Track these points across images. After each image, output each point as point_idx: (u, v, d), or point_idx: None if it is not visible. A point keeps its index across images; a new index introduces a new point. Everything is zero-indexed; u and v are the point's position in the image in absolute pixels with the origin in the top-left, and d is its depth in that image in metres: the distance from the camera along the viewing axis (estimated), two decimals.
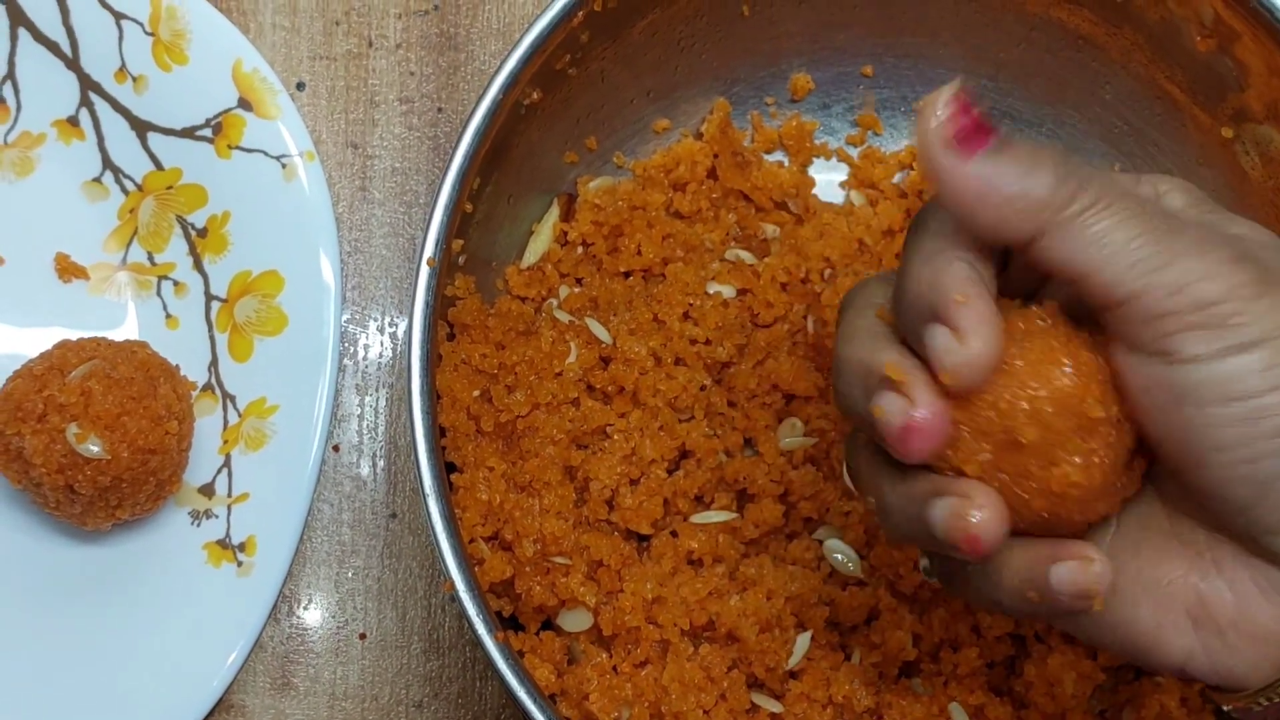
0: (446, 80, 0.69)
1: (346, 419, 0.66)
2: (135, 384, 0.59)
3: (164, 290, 0.65)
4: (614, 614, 0.57)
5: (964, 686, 0.58)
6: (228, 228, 0.65)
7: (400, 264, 0.67)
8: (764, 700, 0.57)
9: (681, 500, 0.59)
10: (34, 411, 0.58)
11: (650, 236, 0.63)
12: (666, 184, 0.65)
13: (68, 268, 0.65)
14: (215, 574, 0.62)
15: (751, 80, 0.67)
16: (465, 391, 0.58)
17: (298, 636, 0.64)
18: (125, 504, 0.60)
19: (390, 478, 0.66)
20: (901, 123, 0.68)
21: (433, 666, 0.64)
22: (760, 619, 0.56)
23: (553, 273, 0.64)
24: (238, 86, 0.65)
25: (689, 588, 0.57)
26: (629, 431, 0.59)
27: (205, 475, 0.63)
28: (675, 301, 0.61)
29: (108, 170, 0.65)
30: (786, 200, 0.67)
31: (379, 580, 0.65)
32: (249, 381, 0.64)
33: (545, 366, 0.59)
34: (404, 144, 0.68)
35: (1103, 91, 0.65)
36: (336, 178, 0.67)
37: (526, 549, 0.57)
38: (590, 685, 0.56)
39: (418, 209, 0.68)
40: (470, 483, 0.57)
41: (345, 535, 0.65)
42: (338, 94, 0.68)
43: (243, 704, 0.64)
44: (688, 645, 0.57)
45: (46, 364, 0.59)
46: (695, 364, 0.60)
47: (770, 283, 0.62)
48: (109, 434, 0.58)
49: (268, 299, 0.64)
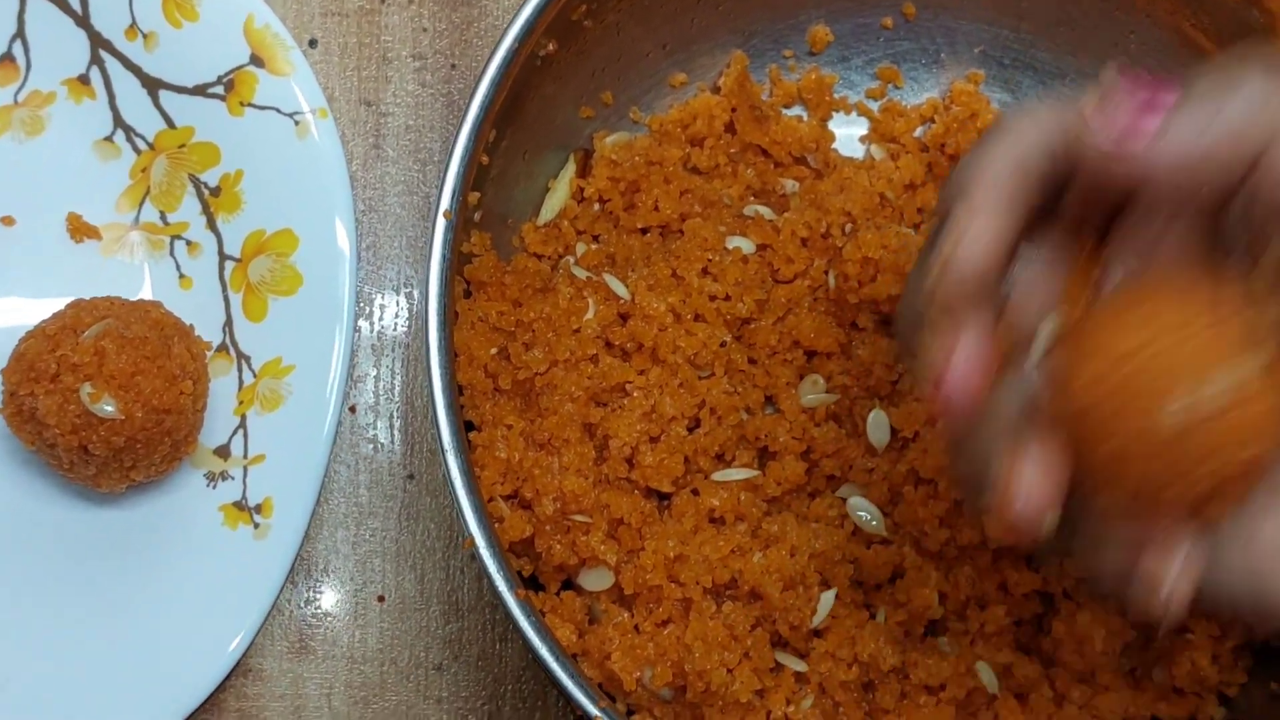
0: (460, 36, 0.68)
1: (362, 380, 0.65)
2: (149, 343, 0.58)
3: (177, 250, 0.64)
4: (635, 572, 0.56)
5: (991, 645, 0.58)
6: (241, 186, 0.64)
7: (415, 223, 0.66)
8: (788, 659, 0.57)
9: (702, 458, 0.59)
10: (47, 371, 0.57)
11: (668, 192, 0.62)
12: (684, 139, 0.65)
13: (80, 228, 0.64)
14: (232, 536, 0.62)
15: (769, 33, 0.66)
16: (482, 349, 0.58)
17: (315, 600, 0.64)
18: (140, 465, 0.59)
19: (407, 438, 0.65)
20: (922, 75, 0.67)
21: (452, 629, 0.64)
22: (784, 576, 0.56)
23: (569, 230, 0.63)
24: (249, 43, 0.64)
25: (711, 545, 0.56)
26: (648, 389, 0.58)
27: (221, 436, 0.63)
28: (694, 257, 0.60)
29: (119, 129, 0.64)
30: (806, 155, 0.66)
31: (397, 542, 0.64)
32: (264, 341, 0.63)
33: (563, 323, 0.59)
34: (417, 101, 0.67)
35: (1128, 41, 0.64)
36: (350, 136, 0.67)
37: (546, 507, 0.56)
38: (612, 645, 0.55)
39: (432, 167, 0.67)
40: (488, 441, 0.57)
41: (362, 497, 0.65)
42: (350, 51, 0.67)
43: (260, 668, 0.63)
44: (710, 604, 0.56)
45: (59, 324, 0.58)
46: (715, 320, 0.59)
47: (790, 237, 0.61)
48: (123, 394, 0.57)
49: (282, 258, 0.63)
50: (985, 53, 0.66)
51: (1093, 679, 0.58)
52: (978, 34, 0.66)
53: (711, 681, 0.54)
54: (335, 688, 0.63)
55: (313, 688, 0.63)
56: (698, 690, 0.55)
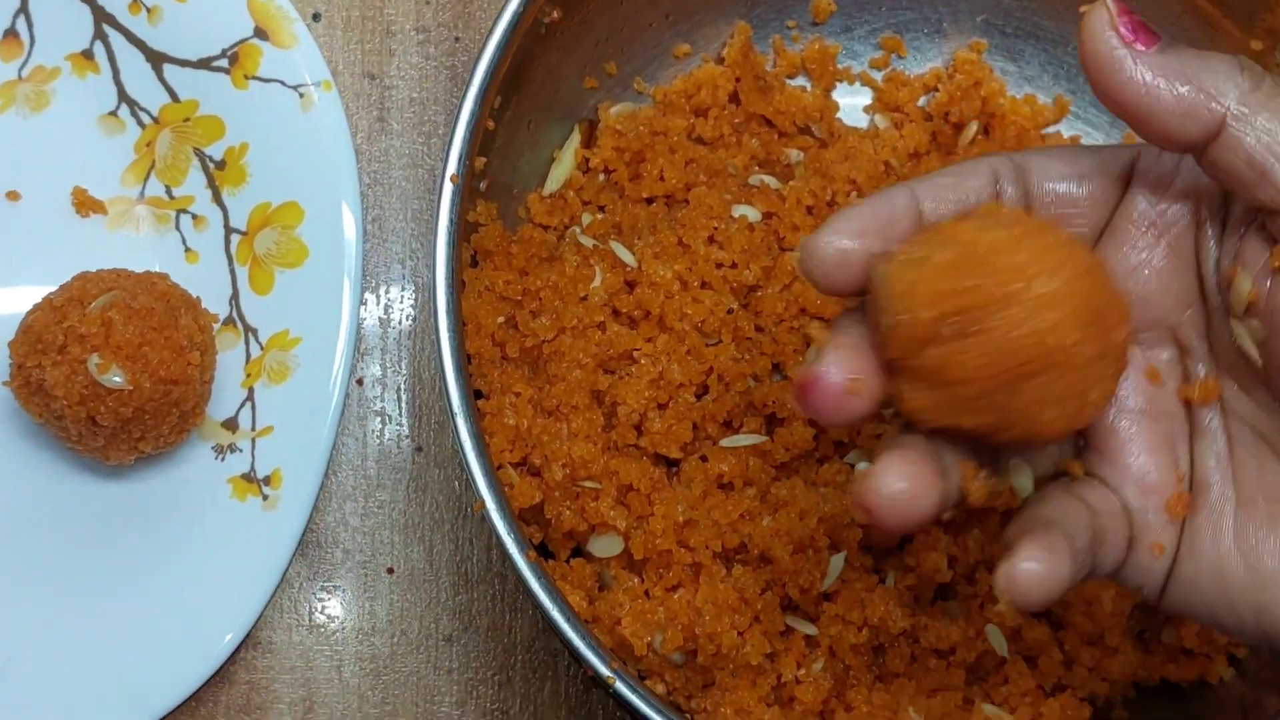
0: (463, 9, 0.68)
1: (369, 353, 0.65)
2: (156, 314, 0.58)
3: (183, 224, 0.64)
4: (645, 537, 0.56)
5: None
6: (246, 159, 0.64)
7: (420, 196, 0.66)
8: (798, 623, 0.57)
9: (710, 424, 0.59)
10: (54, 343, 0.57)
11: (673, 162, 0.62)
12: (688, 109, 0.65)
13: (85, 202, 0.64)
14: (241, 508, 0.62)
15: (772, 3, 0.66)
16: (490, 317, 0.58)
17: (324, 572, 0.64)
18: (148, 436, 0.59)
19: (415, 410, 0.65)
20: (925, 45, 0.67)
21: (462, 600, 0.64)
22: (793, 539, 0.56)
23: (575, 200, 0.63)
24: (253, 15, 0.64)
25: (720, 510, 0.56)
26: (656, 356, 0.58)
27: (229, 409, 0.63)
28: (700, 225, 0.60)
29: (123, 103, 0.64)
30: (810, 124, 0.66)
31: (405, 514, 0.64)
32: (271, 314, 0.63)
33: (570, 291, 0.59)
34: (421, 74, 0.67)
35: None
36: (354, 109, 0.67)
37: (555, 473, 0.56)
38: (622, 610, 0.55)
39: (436, 139, 0.67)
40: (497, 408, 0.57)
41: (370, 469, 0.65)
42: (353, 24, 0.67)
43: (270, 640, 0.63)
44: (720, 568, 0.56)
45: (66, 295, 0.58)
46: (721, 288, 0.59)
47: (796, 205, 0.62)
48: (130, 364, 0.57)
49: (288, 230, 0.63)
50: (988, 21, 0.66)
51: (1102, 641, 0.58)
52: (980, 3, 0.66)
53: (722, 645, 0.54)
54: (345, 660, 0.63)
55: (323, 660, 0.63)
56: (708, 654, 0.55)
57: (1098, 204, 0.44)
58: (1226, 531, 0.42)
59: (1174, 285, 0.43)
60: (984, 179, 0.43)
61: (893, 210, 0.42)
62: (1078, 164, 0.44)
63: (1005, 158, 0.44)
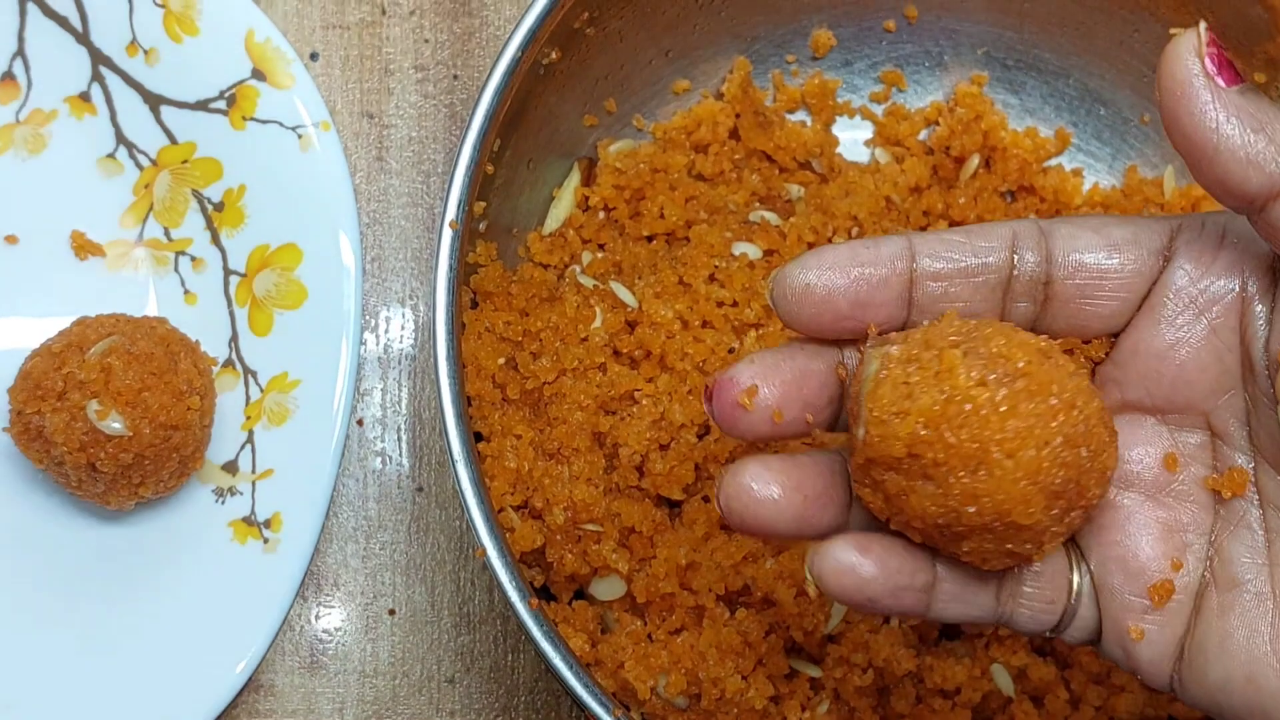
0: (461, 47, 0.68)
1: (369, 393, 0.65)
2: (155, 359, 0.58)
3: (182, 266, 0.64)
4: (648, 580, 0.56)
5: (1006, 648, 0.57)
6: (244, 201, 0.64)
7: (419, 235, 0.66)
8: (803, 665, 0.56)
9: (713, 465, 0.58)
10: (54, 389, 0.57)
11: (673, 199, 0.62)
12: (688, 146, 0.64)
13: (84, 245, 0.64)
14: (241, 551, 0.61)
15: (771, 38, 0.66)
16: (490, 359, 0.57)
17: (326, 614, 0.64)
18: (148, 482, 0.59)
19: (415, 451, 0.65)
20: (926, 78, 0.67)
21: (464, 641, 0.64)
22: (797, 581, 0.55)
23: (575, 238, 0.63)
24: (250, 57, 0.64)
25: (723, 552, 0.56)
26: (657, 396, 0.58)
27: (229, 452, 0.63)
28: (700, 263, 0.60)
29: (121, 145, 0.64)
30: (810, 160, 0.65)
31: (407, 555, 0.64)
32: (270, 356, 0.63)
33: (570, 332, 0.58)
34: (420, 112, 0.67)
35: (1132, 40, 0.64)
36: (352, 148, 0.66)
37: (557, 516, 0.56)
38: (625, 653, 0.55)
39: (436, 178, 0.67)
40: (498, 451, 0.56)
41: (371, 510, 0.64)
42: (351, 63, 0.67)
43: (272, 683, 0.63)
44: (723, 611, 0.56)
45: (65, 341, 0.58)
46: (723, 326, 0.59)
47: (797, 242, 0.61)
48: (130, 410, 0.57)
49: (287, 272, 0.63)
50: (988, 54, 0.66)
51: (1108, 680, 0.58)
52: (980, 35, 0.66)
53: (726, 689, 0.54)
54: (347, 702, 0.63)
55: (325, 702, 0.63)
56: (712, 698, 0.54)
57: (1132, 278, 0.41)
58: (1263, 635, 0.40)
59: (1212, 367, 0.41)
60: (999, 242, 0.41)
61: (876, 256, 0.41)
62: (1109, 234, 0.42)
63: (1031, 222, 0.42)
